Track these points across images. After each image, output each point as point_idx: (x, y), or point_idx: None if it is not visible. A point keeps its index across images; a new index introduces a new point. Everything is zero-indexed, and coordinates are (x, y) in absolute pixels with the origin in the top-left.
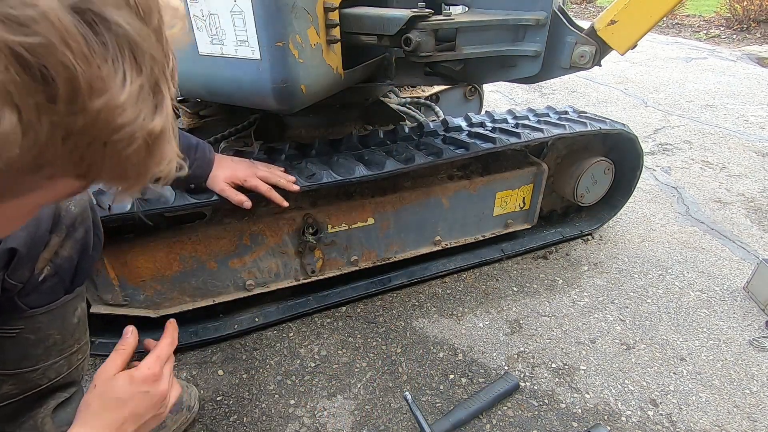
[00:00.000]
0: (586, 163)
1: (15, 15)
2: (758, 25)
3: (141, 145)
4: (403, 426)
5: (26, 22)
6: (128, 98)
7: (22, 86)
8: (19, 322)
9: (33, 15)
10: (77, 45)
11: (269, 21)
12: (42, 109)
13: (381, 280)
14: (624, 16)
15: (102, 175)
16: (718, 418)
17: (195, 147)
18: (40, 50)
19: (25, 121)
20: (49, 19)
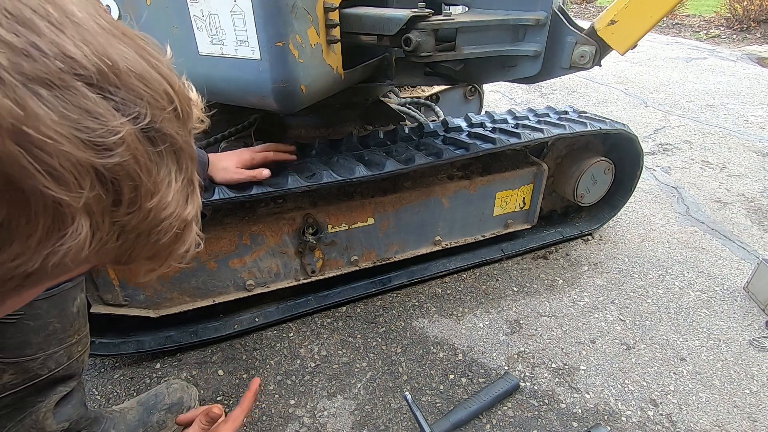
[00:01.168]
0: (586, 163)
1: (102, 141)
2: (758, 25)
3: (174, 233)
4: (403, 426)
5: (110, 146)
6: (173, 195)
7: (97, 197)
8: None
9: (115, 140)
10: (144, 160)
11: (269, 21)
12: (107, 212)
13: (381, 280)
14: (624, 16)
15: (133, 261)
16: (718, 418)
17: None
18: (116, 168)
19: (94, 224)
20: (126, 143)
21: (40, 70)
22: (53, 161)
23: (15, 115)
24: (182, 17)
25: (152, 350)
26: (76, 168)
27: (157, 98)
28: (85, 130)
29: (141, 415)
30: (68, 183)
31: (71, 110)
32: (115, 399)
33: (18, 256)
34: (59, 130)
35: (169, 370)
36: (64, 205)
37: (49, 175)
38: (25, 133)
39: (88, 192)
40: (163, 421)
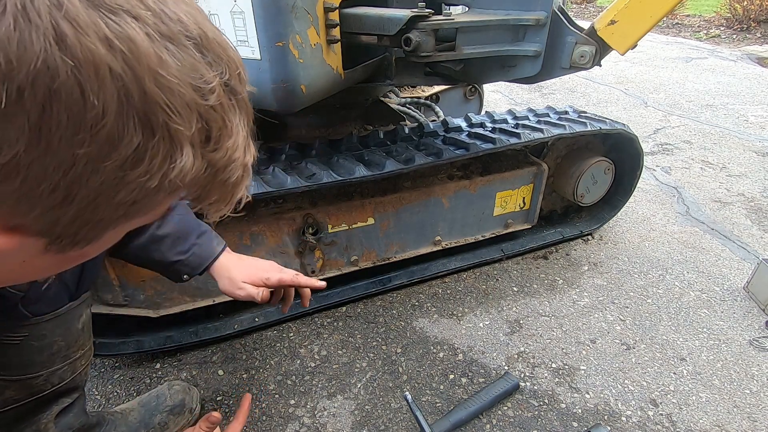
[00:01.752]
0: (586, 163)
1: (202, 87)
2: (758, 25)
3: (239, 175)
4: (403, 426)
5: (207, 93)
6: (241, 141)
7: (198, 132)
8: (23, 329)
9: (210, 88)
10: (227, 107)
11: (269, 21)
12: (201, 146)
13: (381, 280)
14: (624, 16)
15: (209, 197)
16: (718, 418)
17: (200, 233)
18: (210, 110)
19: (194, 154)
20: (217, 92)
21: (169, 30)
22: (175, 100)
23: (156, 62)
24: None
25: (152, 350)
26: (189, 106)
27: (230, 63)
28: (192, 78)
29: (142, 416)
30: (183, 117)
31: (186, 62)
32: (115, 399)
33: (145, 173)
34: (179, 76)
35: (169, 370)
36: (179, 135)
37: (172, 111)
38: (162, 76)
39: (194, 126)
40: (164, 422)
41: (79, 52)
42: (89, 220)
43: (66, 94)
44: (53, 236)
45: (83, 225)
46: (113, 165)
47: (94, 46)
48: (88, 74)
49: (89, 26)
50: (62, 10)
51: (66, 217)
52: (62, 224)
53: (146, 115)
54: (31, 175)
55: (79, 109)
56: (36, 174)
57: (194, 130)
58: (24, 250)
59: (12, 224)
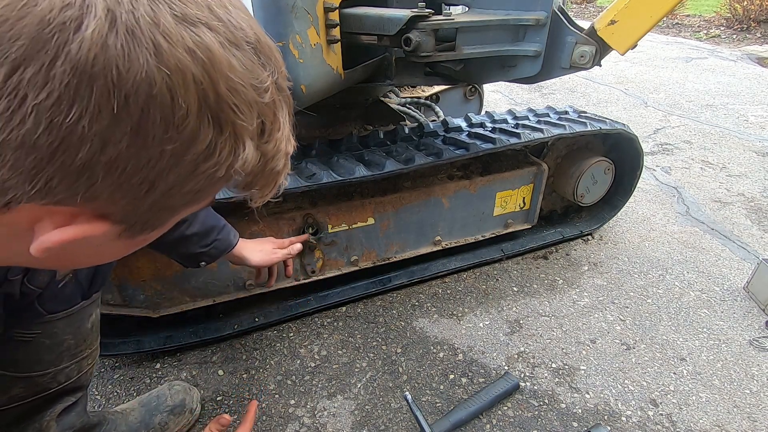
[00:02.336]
0: (586, 163)
1: (260, 86)
2: (758, 25)
3: (284, 163)
4: (403, 426)
5: (263, 91)
6: (286, 132)
7: (256, 126)
8: (36, 326)
9: (265, 87)
10: (278, 102)
11: (269, 21)
12: (257, 138)
13: (381, 280)
14: (624, 16)
15: (257, 184)
16: (718, 418)
17: (220, 228)
18: (266, 106)
19: (253, 146)
20: (270, 90)
21: (235, 38)
22: (240, 99)
23: (228, 67)
24: None
25: (152, 350)
26: (250, 104)
27: (277, 63)
28: (252, 79)
29: (143, 416)
30: (246, 115)
31: (247, 65)
32: (115, 399)
33: (214, 165)
34: (243, 78)
35: (169, 370)
36: (243, 131)
37: (239, 109)
38: (231, 80)
39: (255, 121)
40: (165, 422)
41: (171, 63)
42: (162, 207)
43: (161, 99)
44: (130, 223)
45: (156, 212)
46: (190, 158)
47: (183, 56)
48: (178, 81)
49: (178, 39)
50: (159, 27)
51: (144, 206)
52: (140, 212)
53: (217, 113)
54: (129, 169)
55: (170, 111)
56: (132, 169)
57: (255, 125)
58: (105, 235)
59: (102, 212)
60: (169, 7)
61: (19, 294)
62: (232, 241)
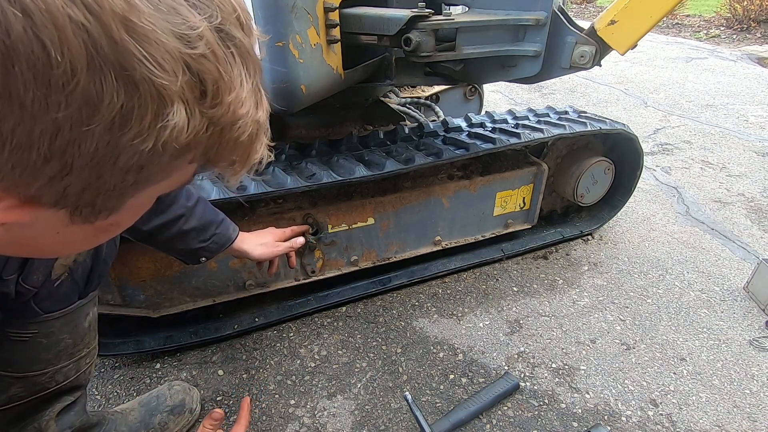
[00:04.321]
0: (586, 163)
1: (187, 34)
2: (758, 25)
3: (251, 132)
4: (403, 426)
5: (193, 39)
6: (246, 94)
7: (187, 86)
8: (32, 326)
9: (197, 34)
10: (220, 55)
11: (269, 21)
12: (197, 103)
13: (381, 280)
14: (624, 16)
15: (221, 159)
16: (718, 418)
17: (219, 223)
18: (200, 59)
19: (188, 111)
20: (205, 39)
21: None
22: (154, 49)
23: (123, 8)
24: None
25: (152, 350)
26: (172, 56)
27: (223, 4)
28: (173, 24)
29: (143, 416)
30: (167, 69)
31: (162, 6)
32: (115, 399)
33: (137, 136)
34: (156, 22)
35: (169, 370)
36: (166, 89)
37: (153, 62)
38: (132, 22)
39: (181, 78)
40: (164, 422)
41: (30, 3)
42: (100, 188)
43: (25, 51)
44: (72, 206)
45: (96, 194)
46: (101, 128)
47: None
48: (44, 26)
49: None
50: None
51: (73, 187)
52: (73, 194)
53: (123, 68)
54: (17, 142)
55: (45, 66)
56: (21, 141)
57: (181, 83)
58: (46, 221)
59: (23, 196)
60: None
61: (15, 293)
62: (232, 236)
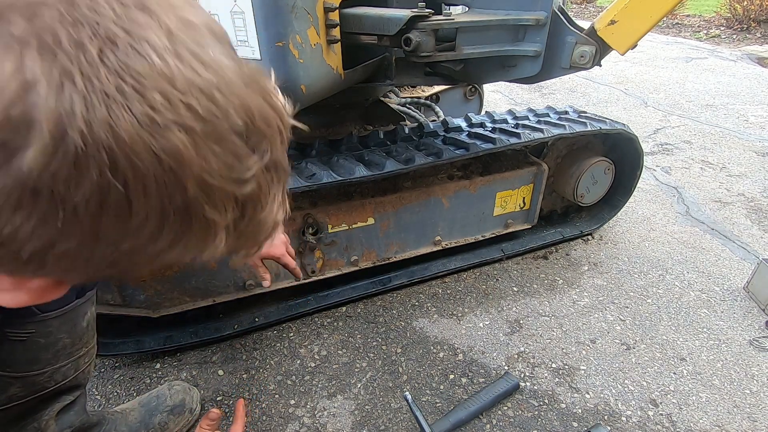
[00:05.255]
0: (586, 163)
1: (241, 177)
2: (758, 25)
3: (269, 233)
4: (403, 426)
5: (246, 180)
6: (276, 206)
7: (233, 216)
8: (30, 326)
9: (250, 175)
10: (264, 186)
11: (269, 21)
12: (236, 224)
13: (381, 280)
14: (624, 16)
15: (237, 253)
16: (718, 418)
17: None
18: (247, 195)
19: (228, 235)
20: (256, 176)
21: (216, 131)
22: (216, 196)
23: (201, 168)
24: None
25: (152, 350)
26: (226, 197)
27: (274, 134)
28: (234, 170)
29: (143, 416)
30: (220, 209)
31: (228, 158)
32: (115, 399)
33: (181, 254)
34: (222, 174)
35: (169, 370)
36: (215, 224)
37: (211, 205)
38: (204, 180)
39: (230, 214)
40: (164, 422)
41: (129, 174)
42: (131, 275)
43: (115, 207)
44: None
45: (126, 278)
46: (153, 249)
47: (143, 164)
48: (136, 190)
49: (139, 148)
50: (118, 140)
51: (104, 277)
52: (102, 278)
53: (186, 211)
54: (81, 260)
55: (126, 218)
56: (85, 260)
57: (230, 216)
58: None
59: (59, 281)
60: (132, 109)
61: None
62: None
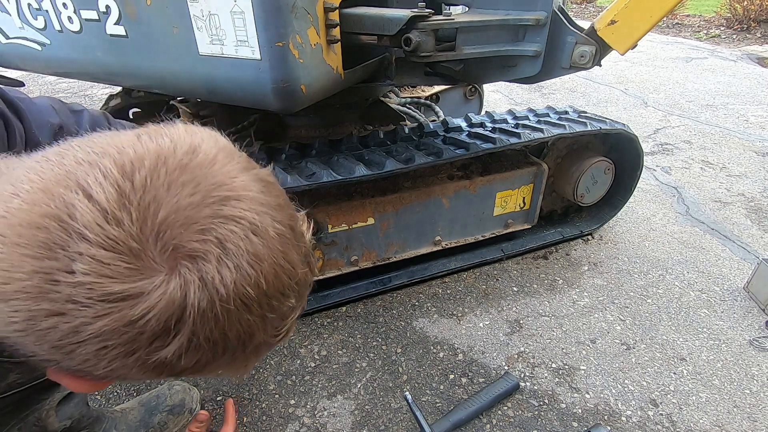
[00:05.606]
0: (586, 163)
1: (279, 332)
2: (758, 25)
3: (286, 338)
4: (403, 426)
5: (285, 332)
6: (293, 330)
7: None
8: None
9: (287, 327)
10: (293, 324)
11: (269, 21)
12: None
13: (381, 280)
14: (624, 16)
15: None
16: (718, 418)
17: None
18: (282, 339)
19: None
20: (289, 324)
21: (279, 313)
22: (261, 349)
23: (262, 337)
24: (182, 17)
25: None
26: (267, 346)
27: (307, 291)
28: (278, 328)
29: (143, 415)
30: (261, 354)
31: (277, 322)
32: (116, 399)
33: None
34: (270, 334)
35: None
36: (253, 361)
37: (256, 355)
38: (260, 342)
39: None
40: (164, 422)
41: (220, 343)
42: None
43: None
44: None
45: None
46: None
47: (231, 341)
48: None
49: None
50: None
51: None
52: None
53: (235, 358)
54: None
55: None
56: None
57: (264, 353)
58: None
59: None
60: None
61: None
62: None
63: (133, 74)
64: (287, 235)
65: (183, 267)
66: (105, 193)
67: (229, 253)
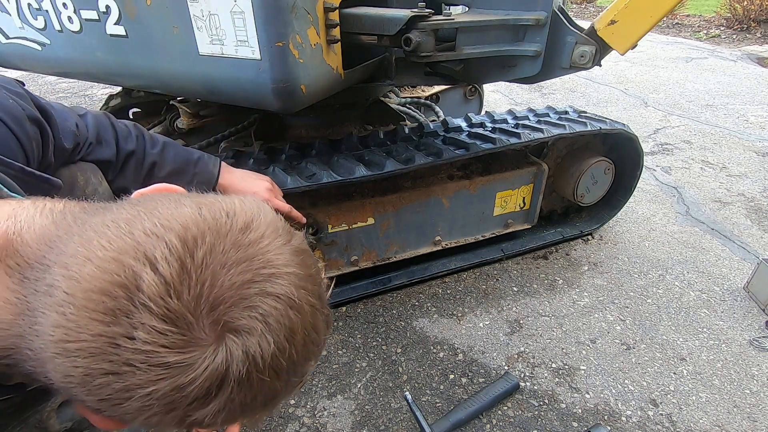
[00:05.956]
0: (586, 163)
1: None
2: (758, 25)
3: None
4: (403, 426)
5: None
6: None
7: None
8: None
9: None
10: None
11: (269, 21)
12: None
13: (381, 280)
14: (624, 16)
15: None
16: (718, 418)
17: (196, 161)
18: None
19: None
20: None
21: (302, 375)
22: (292, 374)
23: (282, 398)
24: (182, 17)
25: None
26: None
27: (323, 348)
28: (296, 386)
29: None
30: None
31: (296, 383)
32: None
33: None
34: (289, 390)
35: None
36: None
37: (269, 409)
38: (280, 399)
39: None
40: None
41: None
42: None
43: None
44: None
45: None
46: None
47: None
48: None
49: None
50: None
51: None
52: None
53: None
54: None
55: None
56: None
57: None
58: None
59: None
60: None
61: None
62: (213, 171)
63: (133, 74)
64: (317, 306)
65: (230, 340)
66: (170, 268)
67: (271, 329)
